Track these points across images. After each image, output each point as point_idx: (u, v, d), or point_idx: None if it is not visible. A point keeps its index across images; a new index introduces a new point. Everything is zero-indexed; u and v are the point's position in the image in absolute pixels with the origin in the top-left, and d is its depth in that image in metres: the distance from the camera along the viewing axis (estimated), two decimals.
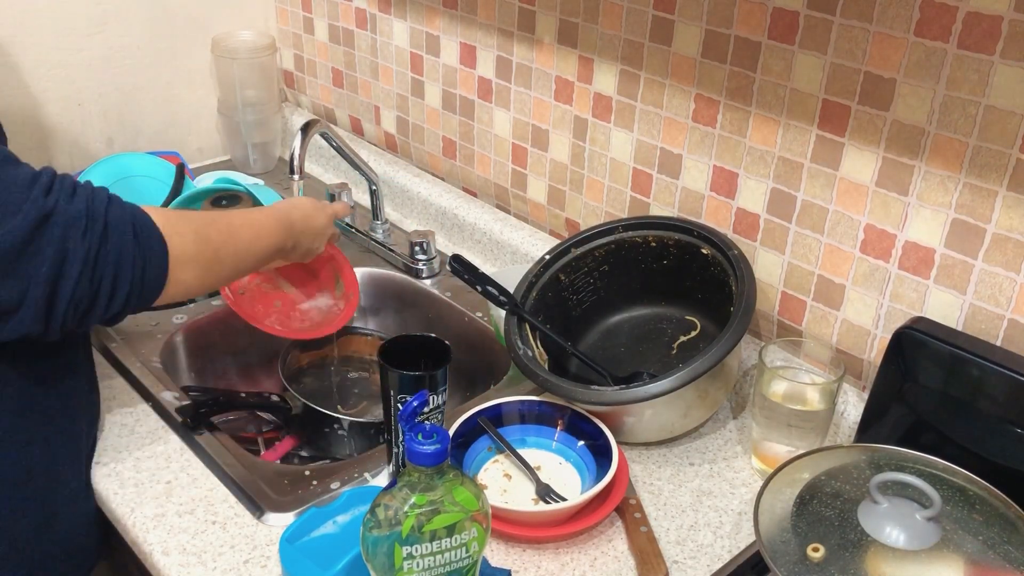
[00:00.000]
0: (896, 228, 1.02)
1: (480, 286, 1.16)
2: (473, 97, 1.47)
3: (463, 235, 1.51)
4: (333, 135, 1.38)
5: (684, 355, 1.17)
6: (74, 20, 1.55)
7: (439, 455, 0.73)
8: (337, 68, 1.74)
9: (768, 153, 1.11)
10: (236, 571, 0.91)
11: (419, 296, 1.44)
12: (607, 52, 1.24)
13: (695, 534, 0.98)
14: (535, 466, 1.04)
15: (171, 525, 0.96)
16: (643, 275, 1.21)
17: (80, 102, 1.61)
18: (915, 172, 0.98)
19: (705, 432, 1.13)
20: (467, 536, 0.75)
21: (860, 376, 1.11)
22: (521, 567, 0.93)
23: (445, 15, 1.45)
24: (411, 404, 0.76)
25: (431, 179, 1.59)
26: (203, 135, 1.81)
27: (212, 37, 1.69)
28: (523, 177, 1.45)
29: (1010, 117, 0.89)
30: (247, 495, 1.00)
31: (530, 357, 1.09)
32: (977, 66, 0.90)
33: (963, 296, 0.98)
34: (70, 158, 1.62)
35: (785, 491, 0.88)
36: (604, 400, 1.02)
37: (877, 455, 0.92)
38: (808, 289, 1.12)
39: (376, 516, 0.74)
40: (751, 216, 1.15)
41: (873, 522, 0.82)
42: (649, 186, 1.26)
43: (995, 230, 0.94)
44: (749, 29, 1.07)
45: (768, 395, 1.02)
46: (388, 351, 0.94)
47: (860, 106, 1.00)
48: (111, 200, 0.87)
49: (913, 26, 0.93)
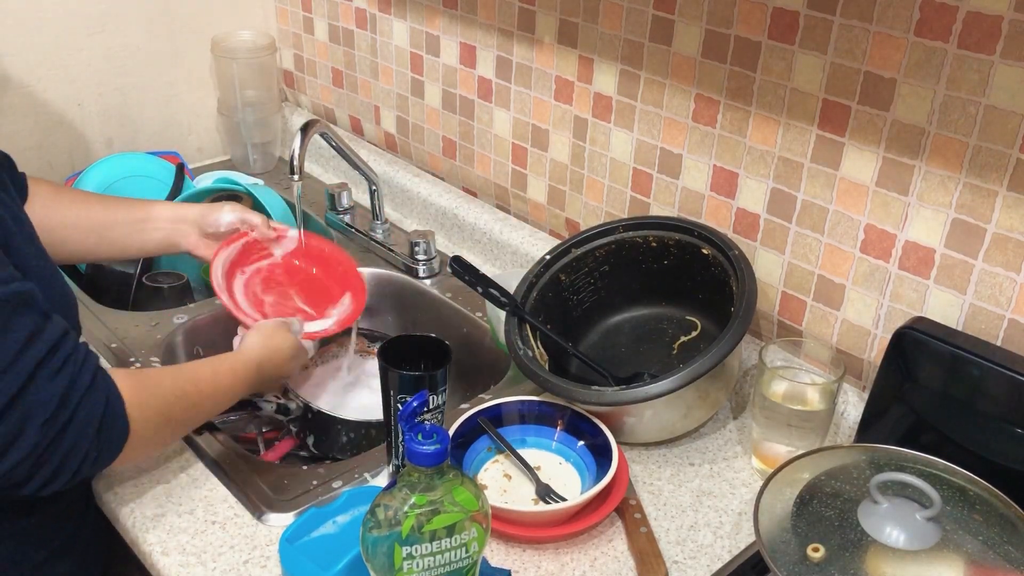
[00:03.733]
0: (896, 228, 1.02)
1: (480, 287, 1.16)
2: (473, 97, 1.47)
3: (463, 235, 1.51)
4: (333, 135, 1.38)
5: (685, 355, 1.17)
6: (74, 20, 1.55)
7: (439, 455, 0.73)
8: (337, 68, 1.74)
9: (768, 153, 1.11)
10: (236, 571, 0.91)
11: (419, 296, 1.44)
12: (607, 52, 1.24)
13: (695, 534, 0.98)
14: (535, 466, 1.04)
15: (171, 525, 0.96)
16: (643, 275, 1.21)
17: (80, 102, 1.61)
18: (915, 172, 0.98)
19: (705, 432, 1.13)
20: (467, 536, 0.75)
21: (860, 376, 1.11)
22: (521, 567, 0.93)
23: (445, 15, 1.45)
24: (411, 404, 0.76)
25: (431, 179, 1.59)
26: (203, 135, 1.81)
27: (212, 37, 1.69)
28: (523, 177, 1.45)
29: (1010, 117, 0.89)
30: (247, 495, 1.00)
31: (530, 357, 1.09)
32: (977, 66, 0.90)
33: (963, 296, 0.98)
34: (70, 158, 1.62)
35: (785, 491, 0.88)
36: (604, 400, 1.02)
37: (877, 455, 0.92)
38: (808, 289, 1.12)
39: (376, 516, 0.74)
40: (751, 216, 1.15)
41: (873, 522, 0.82)
42: (649, 186, 1.26)
43: (995, 230, 0.94)
44: (749, 29, 1.07)
45: (768, 395, 1.02)
46: (388, 351, 0.94)
47: (860, 106, 1.00)
48: (93, 383, 0.84)
49: (913, 26, 0.93)
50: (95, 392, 0.84)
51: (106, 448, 0.85)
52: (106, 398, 0.85)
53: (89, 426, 0.83)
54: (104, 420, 0.84)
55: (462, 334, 1.37)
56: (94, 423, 0.83)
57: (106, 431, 0.85)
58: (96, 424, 0.83)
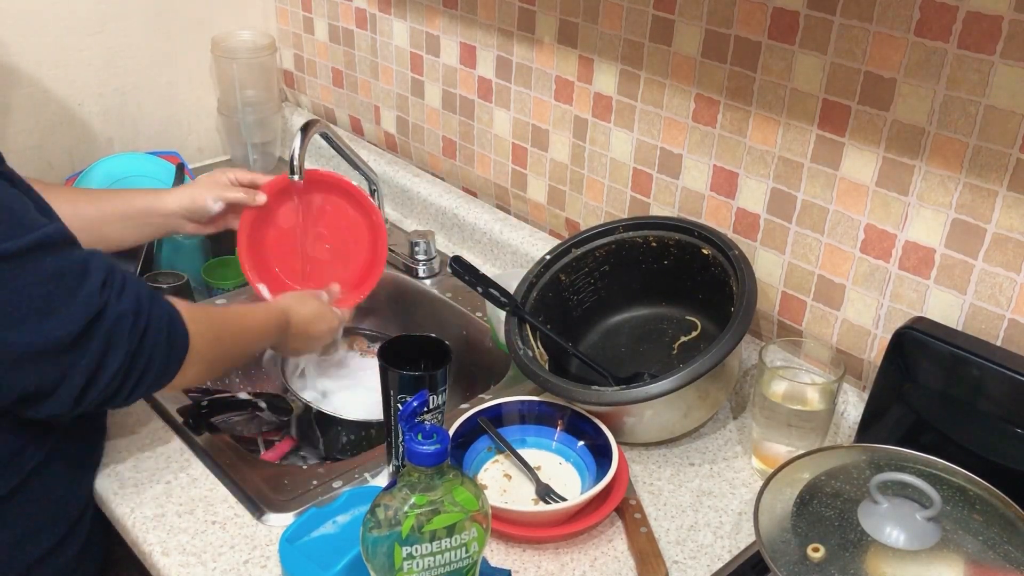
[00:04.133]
0: (896, 228, 1.02)
1: (480, 287, 1.16)
2: (473, 97, 1.47)
3: (463, 235, 1.51)
4: (333, 135, 1.38)
5: (685, 355, 1.17)
6: (74, 20, 1.55)
7: (439, 455, 0.73)
8: (337, 68, 1.74)
9: (768, 153, 1.11)
10: (236, 571, 0.91)
11: (419, 296, 1.44)
12: (607, 52, 1.24)
13: (695, 534, 0.98)
14: (535, 466, 1.04)
15: (171, 525, 0.96)
16: (643, 275, 1.21)
17: (80, 102, 1.61)
18: (915, 172, 0.98)
19: (705, 432, 1.13)
20: (467, 536, 0.75)
21: (860, 376, 1.11)
22: (521, 567, 0.93)
23: (445, 15, 1.45)
24: (411, 404, 0.76)
25: (431, 179, 1.59)
26: (203, 135, 1.81)
27: (212, 37, 1.69)
28: (523, 177, 1.45)
29: (1010, 117, 0.89)
30: (247, 495, 1.00)
31: (530, 357, 1.09)
32: (977, 66, 0.90)
33: (963, 296, 0.98)
34: (70, 158, 1.62)
35: (785, 491, 0.88)
36: (604, 400, 1.02)
37: (877, 455, 0.92)
38: (808, 289, 1.12)
39: (376, 516, 0.74)
40: (751, 216, 1.15)
41: (873, 522, 0.82)
42: (649, 186, 1.26)
43: (995, 230, 0.94)
44: (749, 29, 1.07)
45: (768, 395, 1.02)
46: (388, 351, 0.94)
47: (860, 106, 1.00)
48: (153, 300, 0.91)
49: (913, 26, 0.93)
50: (158, 304, 0.91)
51: (175, 356, 0.91)
52: (167, 311, 0.91)
53: (160, 333, 0.89)
54: (171, 329, 0.91)
55: (462, 334, 1.37)
56: (164, 329, 0.90)
57: (173, 338, 0.91)
58: (166, 332, 0.90)
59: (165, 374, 0.91)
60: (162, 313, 0.90)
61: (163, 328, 0.90)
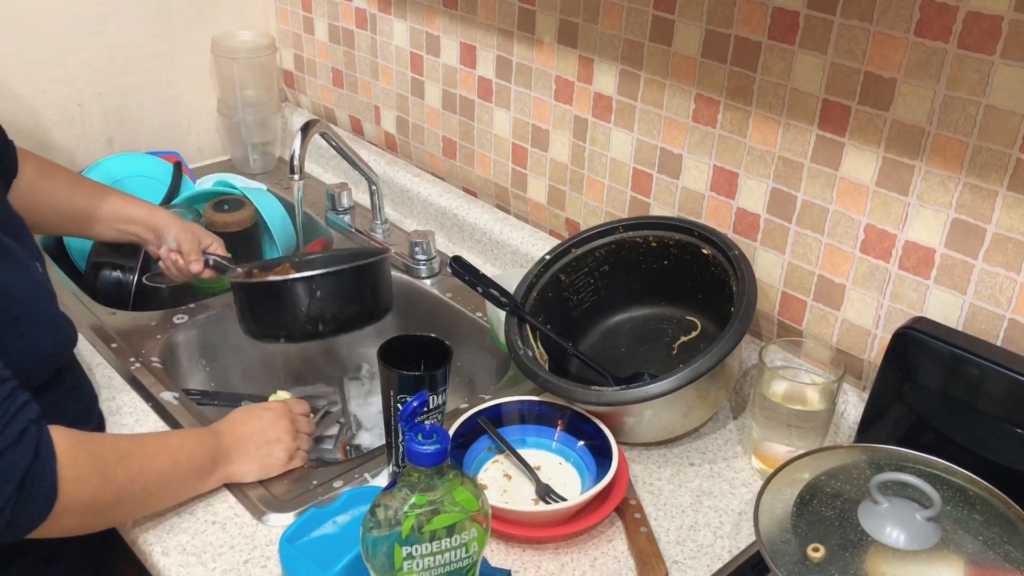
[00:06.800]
0: (896, 228, 1.02)
1: (480, 287, 1.16)
2: (473, 97, 1.47)
3: (463, 235, 1.51)
4: (333, 135, 1.38)
5: (685, 355, 1.17)
6: (74, 20, 1.55)
7: (439, 455, 0.73)
8: (337, 68, 1.74)
9: (768, 153, 1.11)
10: (236, 571, 0.91)
11: (419, 296, 1.44)
12: (607, 52, 1.24)
13: (695, 534, 0.98)
14: (535, 466, 1.04)
15: (171, 525, 0.96)
16: (643, 275, 1.21)
17: (80, 102, 1.61)
18: (915, 172, 0.98)
19: (705, 432, 1.13)
20: (467, 536, 0.75)
21: (860, 376, 1.11)
22: (521, 567, 0.93)
23: (445, 15, 1.45)
24: (411, 404, 0.76)
25: (431, 179, 1.59)
26: (203, 135, 1.81)
27: (212, 37, 1.69)
28: (523, 177, 1.45)
29: (1010, 117, 0.89)
30: (247, 495, 1.00)
31: (530, 357, 1.09)
32: (977, 66, 0.90)
33: (963, 296, 0.98)
34: (70, 158, 1.62)
35: (785, 491, 0.88)
36: (604, 400, 1.02)
37: (877, 455, 0.92)
38: (808, 289, 1.12)
39: (376, 516, 0.74)
40: (751, 216, 1.15)
41: (873, 522, 0.82)
42: (649, 186, 1.26)
43: (995, 230, 0.94)
44: (749, 29, 1.07)
45: (768, 395, 1.02)
46: (388, 351, 0.94)
47: (860, 106, 1.00)
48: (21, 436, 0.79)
49: (913, 26, 0.93)
50: (20, 447, 0.78)
51: (28, 508, 0.79)
52: (34, 453, 0.79)
53: (8, 483, 0.77)
54: (28, 477, 0.79)
55: (462, 334, 1.37)
56: (14, 479, 0.77)
57: (29, 489, 0.79)
58: (16, 481, 0.78)
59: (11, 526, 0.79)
60: (16, 460, 0.78)
61: (12, 478, 0.77)
